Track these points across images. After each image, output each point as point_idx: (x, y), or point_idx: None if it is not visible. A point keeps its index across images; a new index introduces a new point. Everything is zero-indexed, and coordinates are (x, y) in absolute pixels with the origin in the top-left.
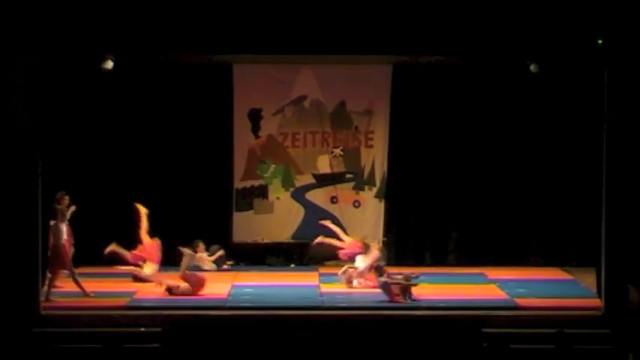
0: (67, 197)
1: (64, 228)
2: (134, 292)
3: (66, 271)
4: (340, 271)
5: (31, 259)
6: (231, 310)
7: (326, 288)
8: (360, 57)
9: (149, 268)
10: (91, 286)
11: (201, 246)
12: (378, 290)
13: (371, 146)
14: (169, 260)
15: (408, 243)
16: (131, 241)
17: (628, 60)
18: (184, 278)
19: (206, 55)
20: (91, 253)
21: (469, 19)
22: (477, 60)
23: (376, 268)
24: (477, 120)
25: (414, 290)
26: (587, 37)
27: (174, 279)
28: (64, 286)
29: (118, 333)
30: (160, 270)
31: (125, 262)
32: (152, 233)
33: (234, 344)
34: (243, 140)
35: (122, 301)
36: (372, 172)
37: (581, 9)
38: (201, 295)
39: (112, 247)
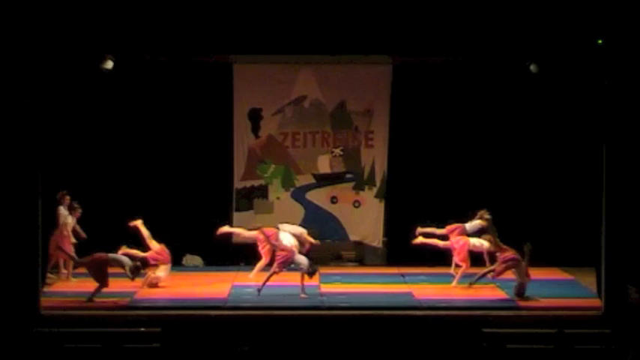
0: (68, 197)
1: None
2: (134, 292)
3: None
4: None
5: (32, 259)
6: (231, 310)
7: (326, 288)
8: (360, 57)
9: (162, 271)
10: (92, 285)
11: None
12: (378, 290)
13: (371, 146)
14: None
15: (408, 243)
16: (134, 242)
17: (628, 60)
18: None
19: (206, 55)
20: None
21: (469, 20)
22: (478, 60)
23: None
24: (478, 120)
25: (416, 291)
26: (588, 37)
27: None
28: (66, 286)
29: (118, 333)
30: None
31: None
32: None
33: (234, 344)
34: (243, 140)
35: (122, 301)
36: (372, 172)
37: (581, 9)
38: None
39: (124, 250)
